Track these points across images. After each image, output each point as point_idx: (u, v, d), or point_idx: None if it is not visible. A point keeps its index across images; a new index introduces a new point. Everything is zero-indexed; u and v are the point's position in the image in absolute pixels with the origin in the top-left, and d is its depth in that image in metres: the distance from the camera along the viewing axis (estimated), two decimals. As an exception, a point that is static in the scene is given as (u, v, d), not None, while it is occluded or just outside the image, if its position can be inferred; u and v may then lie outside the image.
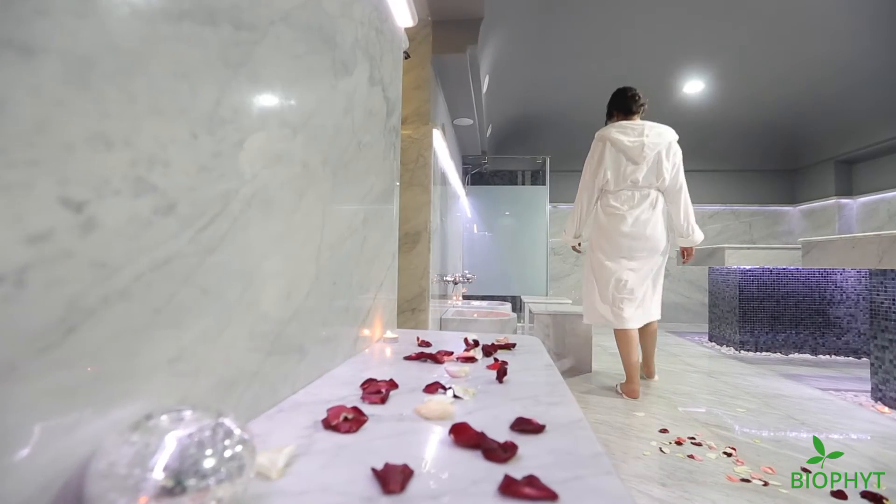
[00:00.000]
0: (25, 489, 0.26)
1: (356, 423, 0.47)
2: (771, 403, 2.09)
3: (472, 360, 0.79)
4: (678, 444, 1.57)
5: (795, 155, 5.01)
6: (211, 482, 0.28)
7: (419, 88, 2.16)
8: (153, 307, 0.35)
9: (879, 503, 1.17)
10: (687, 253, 2.34)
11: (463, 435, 0.44)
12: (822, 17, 3.05)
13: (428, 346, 0.93)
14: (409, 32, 2.16)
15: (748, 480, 1.30)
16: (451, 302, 3.16)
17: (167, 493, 0.26)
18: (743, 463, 1.42)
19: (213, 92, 0.42)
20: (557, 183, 5.12)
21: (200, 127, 0.40)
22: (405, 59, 2.07)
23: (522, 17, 2.97)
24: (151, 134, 0.34)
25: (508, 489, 0.34)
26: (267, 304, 0.52)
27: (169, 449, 0.28)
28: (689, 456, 1.47)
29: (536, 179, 5.08)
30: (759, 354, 3.29)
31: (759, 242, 5.11)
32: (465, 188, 4.45)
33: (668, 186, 2.14)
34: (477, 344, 0.88)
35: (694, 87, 4.09)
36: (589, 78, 3.97)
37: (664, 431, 1.68)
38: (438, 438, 0.45)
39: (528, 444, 0.44)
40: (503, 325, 2.41)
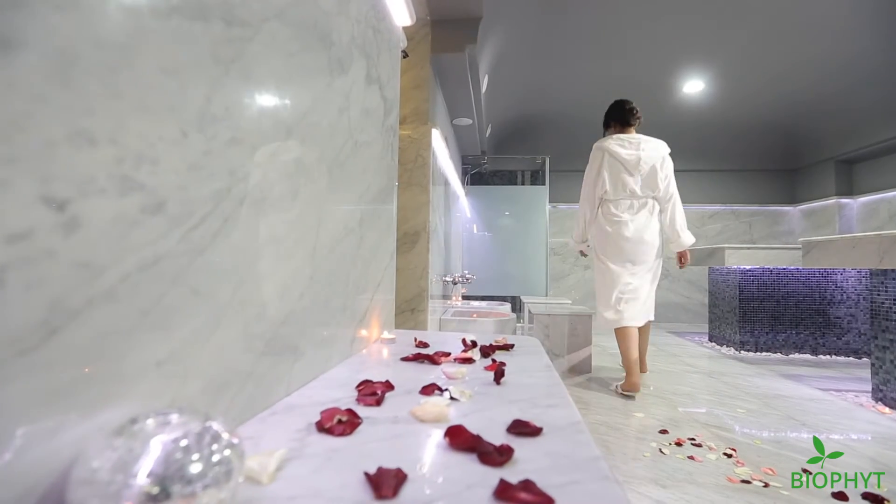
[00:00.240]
0: (4, 496, 0.25)
1: (350, 425, 0.46)
2: (771, 404, 2.08)
3: (469, 361, 0.78)
4: (678, 445, 1.56)
5: (795, 155, 5.00)
6: (197, 488, 0.27)
7: (418, 88, 2.16)
8: (141, 308, 0.34)
9: (880, 504, 1.16)
10: (682, 257, 2.45)
11: (458, 438, 0.43)
12: (821, 16, 3.05)
13: (426, 346, 0.92)
14: (407, 32, 2.16)
15: (749, 482, 1.29)
16: (450, 302, 3.15)
17: (151, 499, 0.26)
18: (743, 464, 1.41)
19: (203, 89, 0.41)
20: (557, 183, 5.11)
21: (190, 125, 0.39)
22: (403, 58, 2.06)
23: (521, 16, 2.96)
24: (138, 131, 0.34)
25: (503, 494, 0.34)
26: (260, 304, 0.51)
27: (154, 454, 0.27)
28: (689, 457, 1.46)
29: (536, 179, 5.07)
30: (759, 355, 3.28)
31: (759, 242, 5.10)
32: (464, 188, 4.45)
33: (661, 196, 2.30)
34: (475, 345, 0.88)
35: (694, 86, 4.09)
36: (588, 77, 3.96)
37: (664, 432, 1.68)
38: (434, 441, 0.44)
39: (524, 447, 0.43)
40: (502, 325, 2.41)
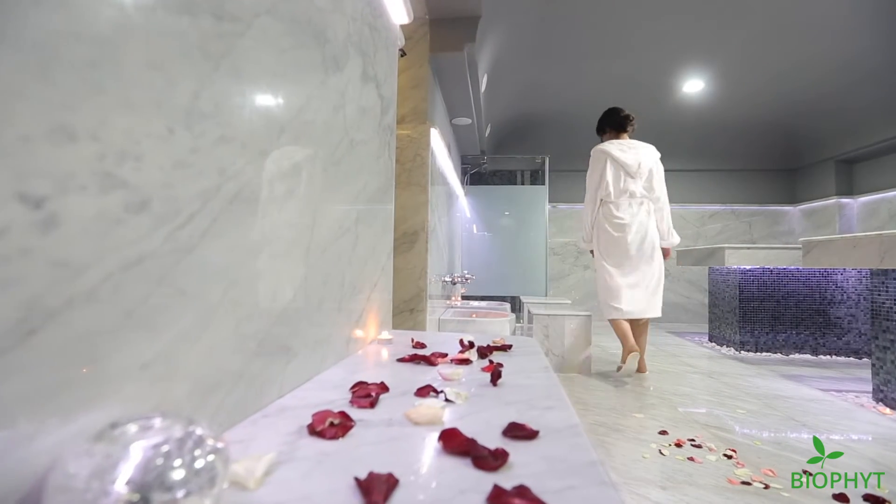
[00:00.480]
0: (-23, 504, 0.24)
1: (342, 428, 0.45)
2: (771, 404, 2.07)
3: (466, 362, 0.77)
4: (678, 446, 1.55)
5: (796, 154, 4.99)
6: (179, 495, 0.26)
7: (416, 87, 2.15)
8: (124, 309, 0.33)
9: (882, 506, 1.15)
10: (667, 253, 2.62)
11: (452, 441, 0.42)
12: (822, 15, 3.04)
13: (422, 347, 0.91)
14: (406, 31, 2.15)
15: (749, 483, 1.28)
16: (449, 302, 3.14)
17: (130, 507, 0.25)
18: (744, 465, 1.40)
19: (191, 85, 0.40)
20: (557, 183, 5.10)
21: (177, 121, 0.38)
22: (401, 56, 2.05)
23: (520, 15, 2.95)
24: (122, 127, 0.33)
25: (497, 500, 0.33)
26: (252, 304, 0.50)
27: (133, 460, 0.26)
28: (688, 458, 1.45)
29: (536, 179, 5.06)
30: (759, 355, 3.27)
31: (759, 242, 5.09)
32: (464, 188, 4.44)
33: (655, 197, 2.49)
34: (472, 345, 0.87)
35: (694, 86, 4.07)
36: (588, 77, 3.95)
37: (664, 433, 1.67)
38: (427, 445, 0.44)
39: (520, 450, 0.42)
40: (502, 325, 2.40)
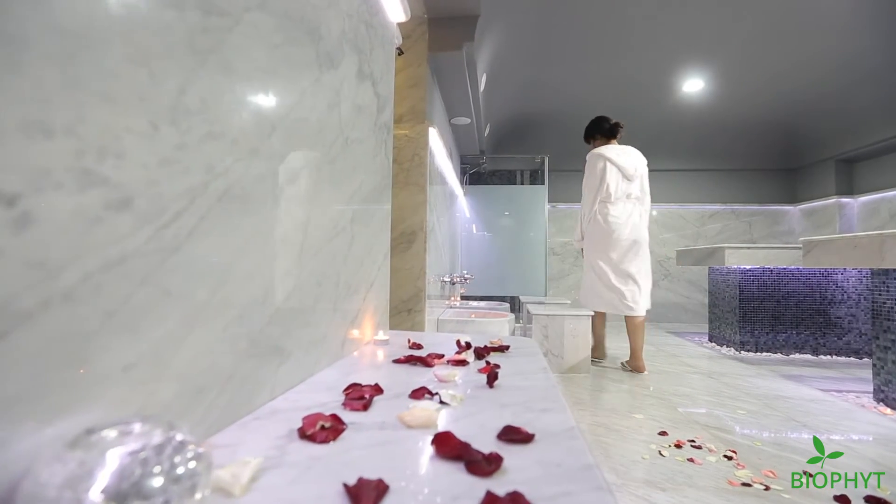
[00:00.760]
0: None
1: (333, 432, 0.44)
2: (772, 405, 2.06)
3: (463, 363, 0.76)
4: (678, 447, 1.54)
5: (796, 154, 4.98)
6: (156, 503, 0.25)
7: (415, 86, 2.14)
8: (105, 310, 0.32)
9: (883, 508, 1.14)
10: None
11: (446, 445, 0.41)
12: (822, 14, 3.02)
13: (419, 348, 0.90)
14: (404, 29, 2.14)
15: (749, 485, 1.27)
16: (448, 302, 3.13)
17: (104, 517, 0.24)
18: (744, 466, 1.39)
19: (177, 80, 0.39)
20: (556, 182, 5.09)
21: (162, 117, 0.37)
22: (398, 55, 2.03)
23: (519, 14, 2.94)
24: (101, 123, 0.32)
25: (490, 507, 0.32)
26: (242, 305, 0.49)
27: (109, 467, 0.25)
28: (688, 459, 1.44)
29: (535, 179, 5.05)
30: (759, 355, 3.26)
31: (759, 242, 5.08)
32: (463, 188, 4.42)
33: (644, 198, 2.67)
34: (469, 346, 0.86)
35: (693, 85, 4.06)
36: (587, 76, 3.94)
37: (663, 434, 1.65)
38: (420, 449, 0.43)
39: (515, 454, 0.41)
40: (501, 325, 2.39)
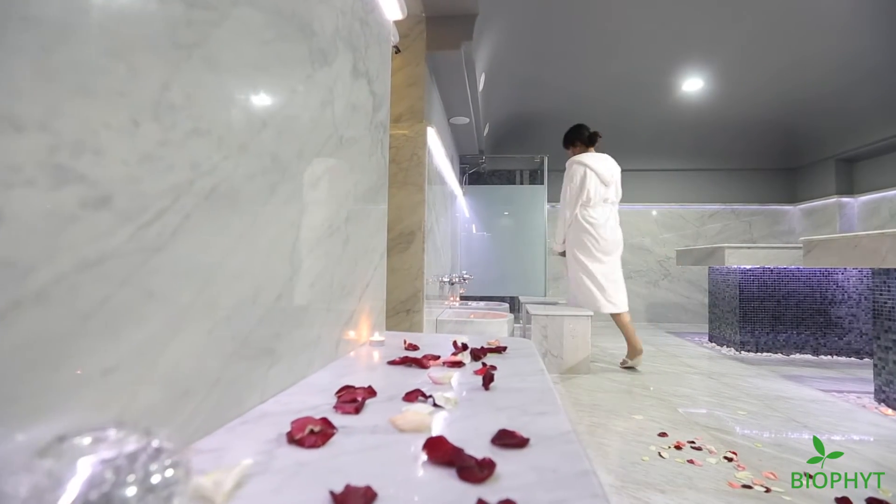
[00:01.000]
0: None
1: (323, 436, 0.43)
2: (772, 405, 2.05)
3: (459, 364, 0.75)
4: (678, 448, 1.53)
5: (796, 153, 4.96)
6: (129, 515, 0.24)
7: (413, 86, 2.13)
8: (81, 312, 0.31)
9: (885, 510, 1.13)
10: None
11: (437, 450, 0.40)
12: (822, 13, 3.01)
13: (415, 349, 0.89)
14: (402, 28, 2.12)
15: (750, 487, 1.26)
16: (447, 303, 3.12)
17: (72, 529, 0.23)
18: (744, 468, 1.37)
19: (159, 74, 0.38)
20: (556, 182, 5.06)
21: (143, 112, 0.36)
22: (395, 53, 2.02)
23: (517, 13, 2.93)
24: (78, 117, 0.31)
25: (480, 516, 0.31)
26: (229, 306, 0.48)
27: (80, 476, 0.24)
28: (688, 461, 1.43)
29: (535, 179, 5.03)
30: (759, 355, 3.25)
31: (759, 242, 5.06)
32: (462, 188, 4.41)
33: (616, 202, 2.87)
34: (465, 347, 0.84)
35: (693, 84, 4.05)
36: (587, 75, 3.93)
37: (663, 435, 1.64)
38: (412, 454, 0.41)
39: (509, 460, 0.40)
40: (500, 326, 2.38)
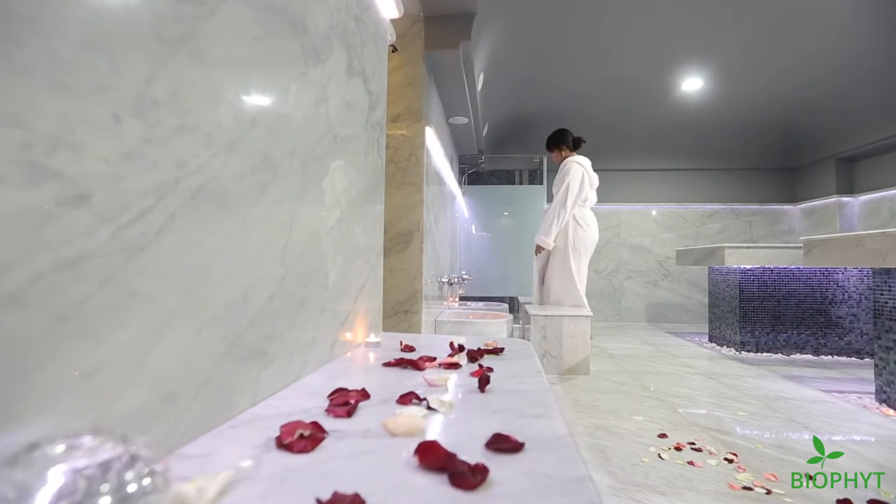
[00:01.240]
0: None
1: (312, 441, 0.42)
2: (773, 406, 2.04)
3: (455, 366, 0.74)
4: (678, 449, 1.52)
5: (796, 153, 4.95)
6: (102, 527, 0.23)
7: (411, 85, 2.12)
8: (58, 314, 0.30)
9: (887, 511, 1.12)
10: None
11: (429, 456, 0.39)
12: (822, 13, 3.01)
13: (411, 350, 0.88)
14: (399, 28, 2.12)
15: (750, 489, 1.25)
16: (446, 303, 3.11)
17: (41, 543, 0.22)
18: (745, 470, 1.36)
19: (143, 70, 0.37)
20: (555, 182, 5.06)
21: (125, 108, 0.35)
22: (392, 52, 2.01)
23: (516, 12, 2.92)
24: (54, 113, 0.30)
25: (472, 525, 0.30)
26: (218, 307, 0.47)
27: (50, 487, 0.23)
28: (688, 462, 1.42)
29: (534, 179, 5.02)
30: (759, 355, 3.24)
31: (759, 242, 5.05)
32: (461, 188, 4.40)
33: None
34: (462, 349, 0.83)
35: (693, 84, 4.04)
36: (586, 75, 3.92)
37: (663, 436, 1.63)
38: (403, 459, 0.40)
39: (503, 465, 0.39)
40: (499, 326, 2.37)
